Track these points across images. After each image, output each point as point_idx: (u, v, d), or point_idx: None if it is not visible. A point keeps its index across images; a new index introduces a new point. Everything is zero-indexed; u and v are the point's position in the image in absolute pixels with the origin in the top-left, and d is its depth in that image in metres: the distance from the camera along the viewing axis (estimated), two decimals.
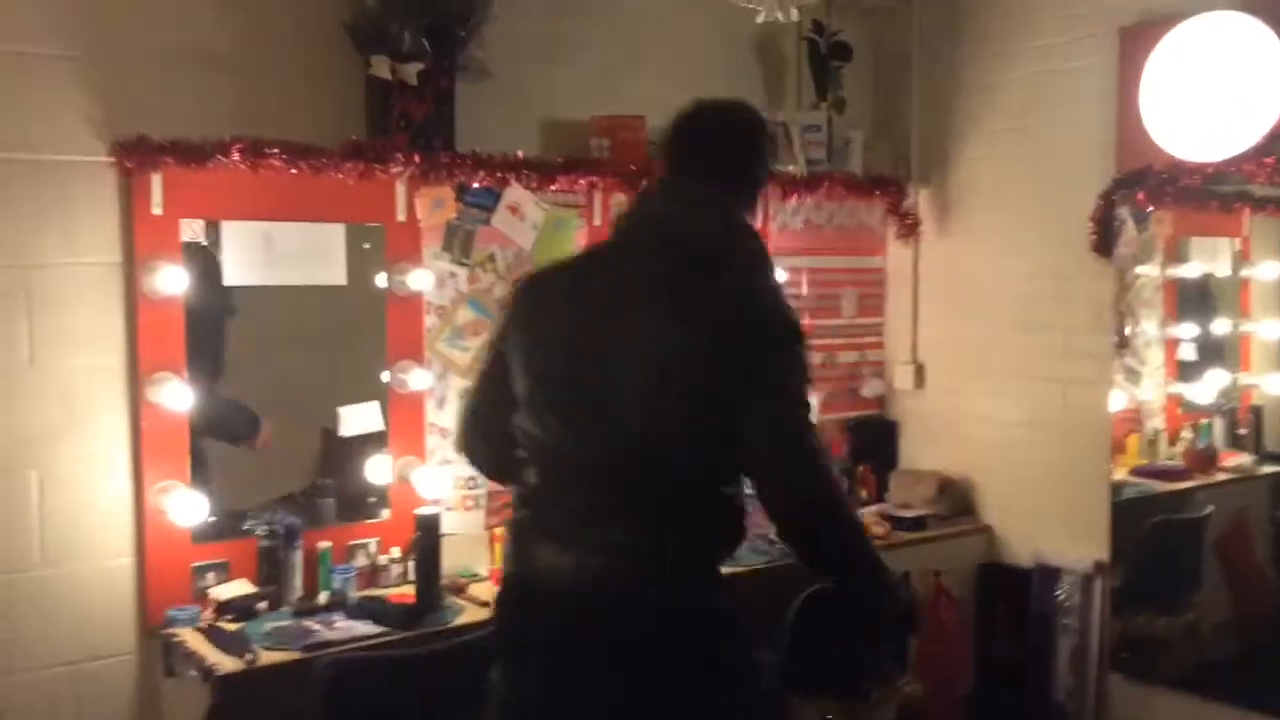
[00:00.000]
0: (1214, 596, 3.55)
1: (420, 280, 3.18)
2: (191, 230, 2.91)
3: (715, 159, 2.16)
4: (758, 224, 2.28)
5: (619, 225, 2.20)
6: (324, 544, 3.06)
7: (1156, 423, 3.71)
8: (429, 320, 3.24)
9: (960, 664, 3.70)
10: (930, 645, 3.61)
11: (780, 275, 3.87)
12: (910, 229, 4.07)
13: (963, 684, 3.70)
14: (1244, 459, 3.55)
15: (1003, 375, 3.82)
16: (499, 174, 3.24)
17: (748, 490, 2.07)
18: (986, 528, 3.90)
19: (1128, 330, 3.64)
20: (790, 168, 3.81)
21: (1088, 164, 3.57)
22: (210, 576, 2.93)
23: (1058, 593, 3.67)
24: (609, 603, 1.98)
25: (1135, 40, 3.42)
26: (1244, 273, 3.58)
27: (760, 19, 3.40)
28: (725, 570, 2.15)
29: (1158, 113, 3.35)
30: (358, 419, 3.18)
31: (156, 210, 2.83)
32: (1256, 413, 3.55)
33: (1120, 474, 3.62)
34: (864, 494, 3.93)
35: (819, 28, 3.85)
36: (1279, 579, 3.46)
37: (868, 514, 3.74)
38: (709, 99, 2.27)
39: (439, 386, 3.27)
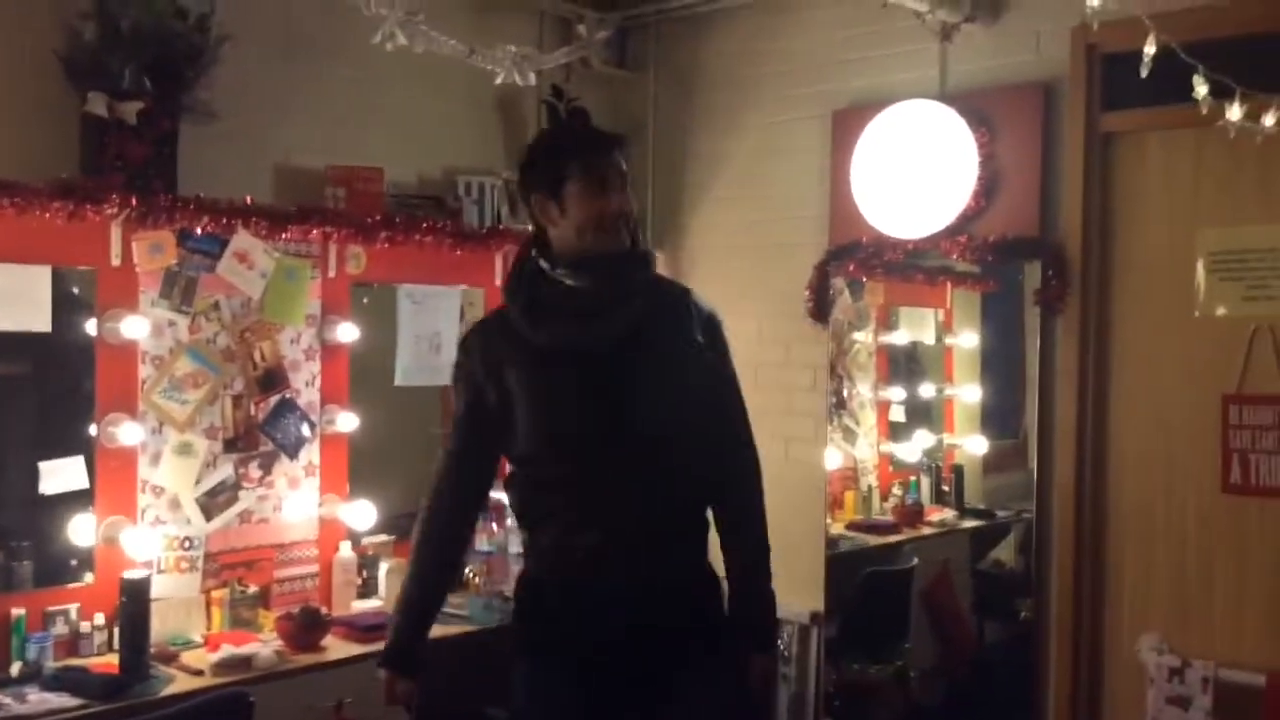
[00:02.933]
0: (921, 644, 3.76)
1: (135, 328, 3.02)
2: None
3: None
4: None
5: None
6: (17, 610, 2.84)
7: (870, 479, 3.93)
8: (144, 370, 3.08)
9: None
10: None
11: None
12: None
13: None
14: (947, 514, 3.80)
15: None
16: (225, 220, 3.13)
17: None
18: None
19: (845, 392, 3.85)
20: (529, 226, 3.85)
21: (806, 235, 3.80)
22: None
23: (779, 643, 3.81)
24: None
25: (846, 123, 3.68)
26: (947, 341, 3.84)
27: (499, 80, 3.45)
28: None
29: (865, 191, 3.60)
30: (59, 475, 2.97)
31: None
32: (958, 471, 3.80)
33: (838, 528, 3.82)
34: None
35: (558, 92, 3.95)
36: (980, 627, 3.71)
37: None
38: None
39: (153, 441, 3.10)
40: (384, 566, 3.51)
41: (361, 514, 3.47)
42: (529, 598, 2.44)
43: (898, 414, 3.96)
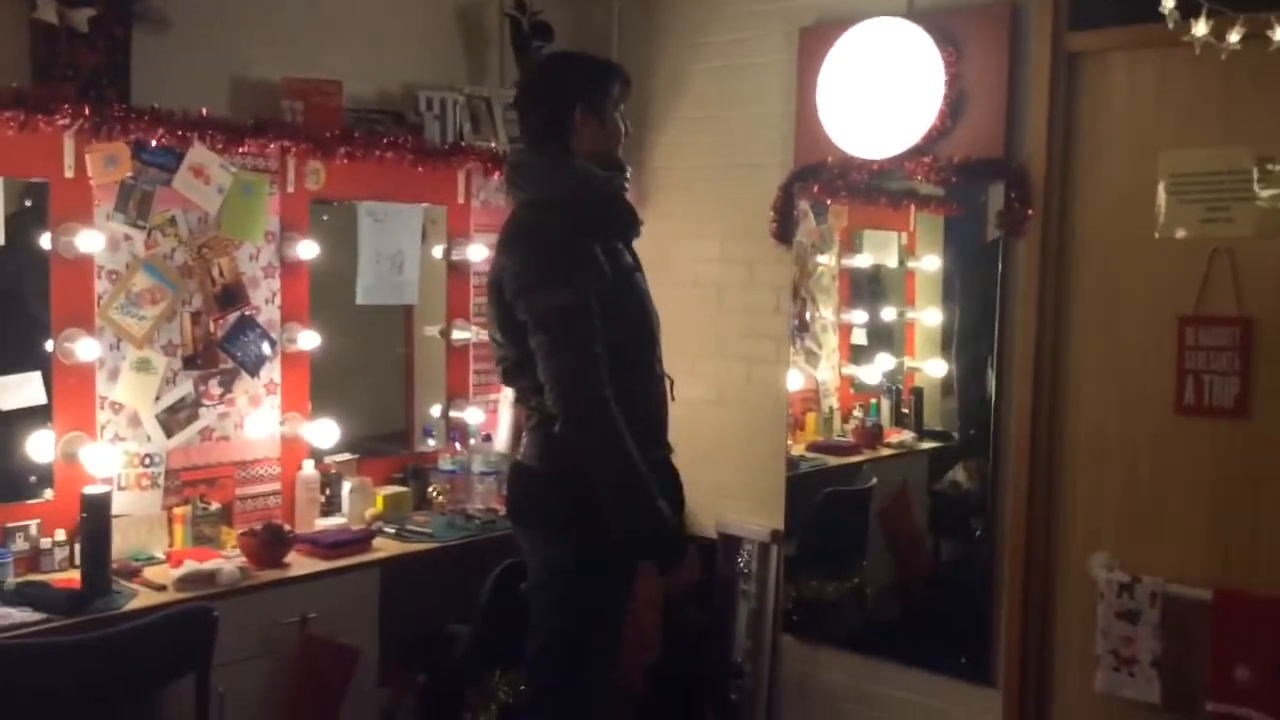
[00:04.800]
0: (878, 562, 3.82)
1: (90, 242, 2.97)
2: None
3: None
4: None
5: None
6: None
7: (832, 401, 3.96)
8: (100, 286, 3.03)
9: (649, 635, 3.81)
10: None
11: (483, 251, 3.88)
12: None
13: (651, 654, 3.78)
14: (906, 436, 3.84)
15: (696, 355, 3.97)
16: (181, 132, 3.07)
17: None
18: None
19: (808, 315, 3.86)
20: (492, 144, 3.82)
21: (771, 155, 3.77)
22: None
23: (739, 561, 3.87)
24: None
25: (813, 41, 3.64)
26: (910, 265, 3.84)
27: None
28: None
29: (831, 110, 3.57)
30: (16, 391, 2.94)
31: None
32: (918, 394, 3.83)
33: (799, 449, 3.86)
34: None
35: (521, 6, 3.87)
36: (935, 546, 3.77)
37: None
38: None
39: (111, 357, 3.06)
40: (347, 485, 3.51)
41: (324, 432, 3.46)
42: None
43: (859, 337, 3.97)
